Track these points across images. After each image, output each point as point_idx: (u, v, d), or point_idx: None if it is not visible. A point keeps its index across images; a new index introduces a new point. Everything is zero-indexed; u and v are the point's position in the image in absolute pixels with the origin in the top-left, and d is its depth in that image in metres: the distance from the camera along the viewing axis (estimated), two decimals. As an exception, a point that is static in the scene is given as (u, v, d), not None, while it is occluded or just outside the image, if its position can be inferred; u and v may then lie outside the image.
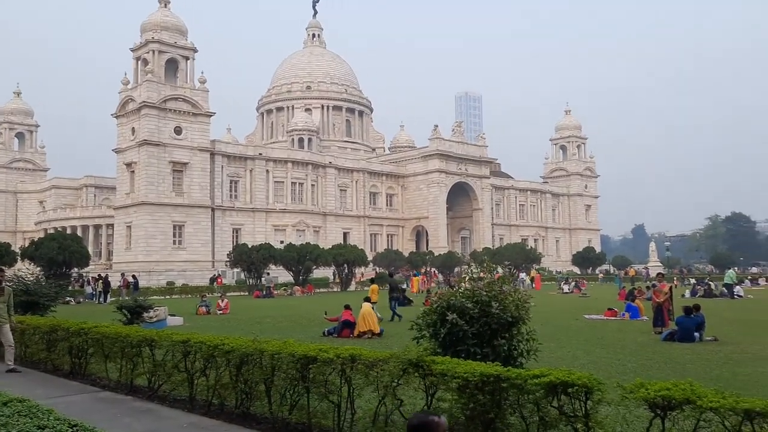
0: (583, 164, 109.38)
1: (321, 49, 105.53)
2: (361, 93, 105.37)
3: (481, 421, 5.43)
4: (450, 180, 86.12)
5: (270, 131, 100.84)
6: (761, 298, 35.62)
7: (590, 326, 20.10)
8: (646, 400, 4.38)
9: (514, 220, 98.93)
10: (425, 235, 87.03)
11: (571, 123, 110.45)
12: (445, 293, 8.01)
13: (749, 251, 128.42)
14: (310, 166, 77.11)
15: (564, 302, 33.12)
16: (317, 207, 77.25)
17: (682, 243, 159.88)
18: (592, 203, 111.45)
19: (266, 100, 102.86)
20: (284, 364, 7.14)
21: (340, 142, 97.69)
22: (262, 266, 48.04)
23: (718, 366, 11.77)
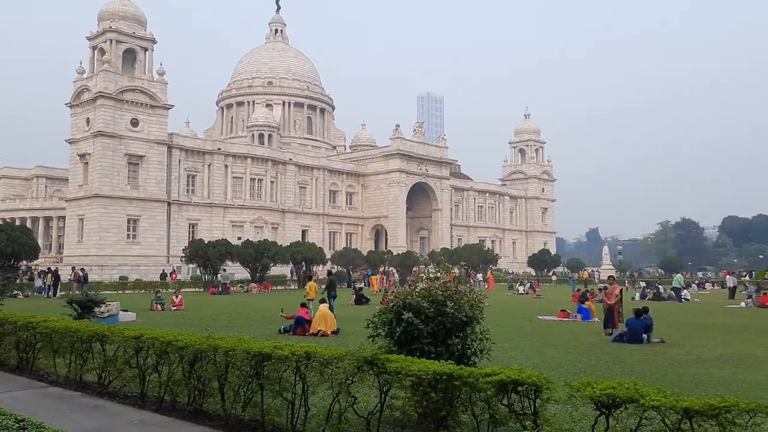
0: (541, 168, 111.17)
1: (283, 45, 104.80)
2: (323, 90, 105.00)
3: (434, 419, 5.50)
4: (410, 180, 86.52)
5: (230, 126, 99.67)
6: (707, 302, 36.80)
7: (543, 327, 20.47)
8: (592, 399, 4.51)
9: (472, 222, 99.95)
10: (384, 234, 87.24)
11: (530, 127, 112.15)
12: (401, 292, 8.07)
13: (697, 256, 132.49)
14: (270, 162, 76.49)
15: (519, 303, 33.64)
16: (276, 204, 76.68)
17: (634, 247, 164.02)
18: (549, 206, 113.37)
19: (226, 94, 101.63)
20: (238, 361, 7.11)
21: (301, 139, 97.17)
22: (219, 262, 47.46)
23: (664, 367, 12.14)
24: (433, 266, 9.05)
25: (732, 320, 23.74)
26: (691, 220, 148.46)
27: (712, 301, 37.27)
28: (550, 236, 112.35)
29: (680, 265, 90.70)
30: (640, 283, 51.59)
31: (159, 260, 62.01)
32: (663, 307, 30.79)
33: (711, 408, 4.03)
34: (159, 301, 26.61)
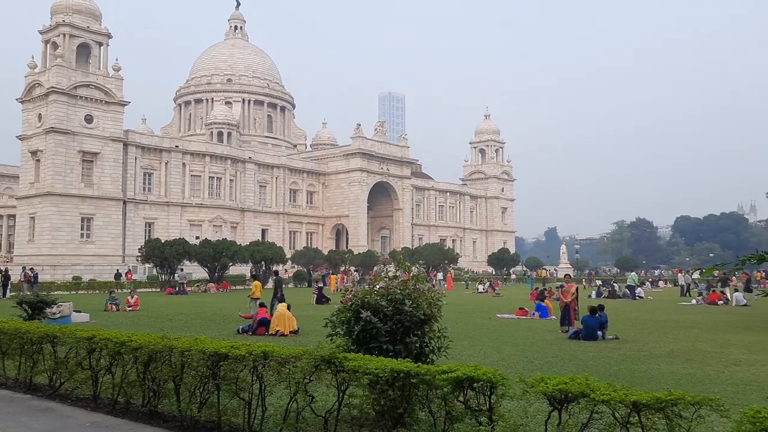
0: (501, 168, 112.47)
1: (243, 42, 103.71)
2: (283, 88, 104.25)
3: (391, 417, 5.52)
4: (371, 179, 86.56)
5: (188, 123, 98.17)
6: (660, 299, 37.76)
7: (502, 325, 20.70)
8: (545, 394, 4.59)
9: (433, 221, 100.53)
10: (345, 233, 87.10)
11: (490, 127, 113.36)
12: (360, 291, 8.07)
13: (651, 255, 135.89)
14: (229, 160, 75.60)
15: (478, 302, 33.97)
16: (235, 203, 75.84)
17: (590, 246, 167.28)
18: (509, 206, 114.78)
19: (185, 91, 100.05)
20: (194, 361, 7.01)
21: (261, 137, 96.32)
22: (176, 262, 46.68)
23: (618, 363, 12.41)
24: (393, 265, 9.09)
25: (683, 317, 24.40)
26: (645, 219, 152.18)
27: (665, 299, 38.26)
28: (509, 235, 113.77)
29: (635, 263, 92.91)
30: (596, 282, 52.64)
31: (114, 260, 60.70)
32: (618, 304, 31.47)
33: (658, 401, 4.14)
34: (114, 301, 26.05)
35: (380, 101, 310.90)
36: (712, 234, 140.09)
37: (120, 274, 50.82)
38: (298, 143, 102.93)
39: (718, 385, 9.95)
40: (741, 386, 9.90)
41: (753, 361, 12.73)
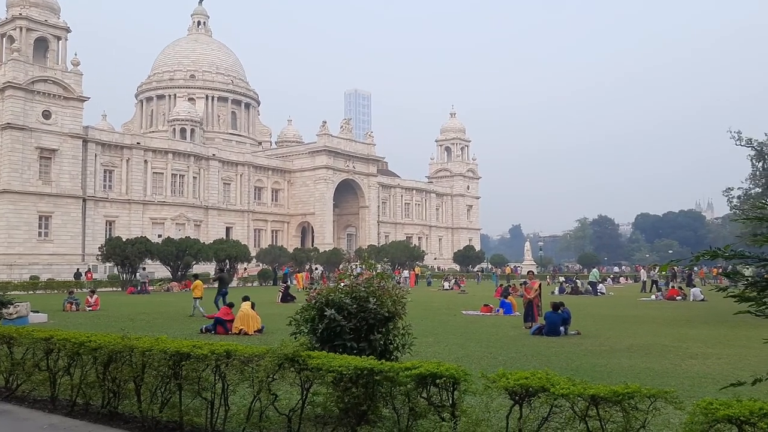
0: (466, 166, 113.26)
1: (207, 38, 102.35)
2: (248, 85, 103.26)
3: (355, 414, 5.53)
4: (337, 177, 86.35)
5: (150, 120, 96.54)
6: (621, 295, 38.55)
7: (467, 322, 20.86)
8: (507, 389, 4.65)
9: (399, 219, 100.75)
10: (311, 231, 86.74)
11: (456, 125, 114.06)
12: (324, 289, 8.06)
13: (612, 252, 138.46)
14: (193, 157, 74.60)
15: (444, 299, 34.19)
16: (199, 200, 74.90)
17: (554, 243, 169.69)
18: (474, 203, 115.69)
19: (146, 87, 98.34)
20: (156, 361, 6.91)
21: (225, 134, 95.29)
22: (138, 261, 45.90)
23: (579, 357, 12.63)
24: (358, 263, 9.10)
25: (643, 312, 24.95)
26: (607, 217, 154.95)
27: (626, 294, 39.05)
28: (475, 233, 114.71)
29: (597, 260, 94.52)
30: (559, 278, 53.44)
31: (73, 259, 59.39)
32: (580, 300, 32.01)
33: (616, 395, 4.23)
34: (73, 301, 25.49)
35: (346, 99, 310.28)
36: (671, 231, 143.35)
37: (80, 274, 49.76)
38: (263, 140, 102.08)
39: (674, 378, 10.20)
40: (696, 379, 10.18)
41: (708, 355, 13.08)
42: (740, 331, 16.91)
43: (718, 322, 20.10)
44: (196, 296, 22.70)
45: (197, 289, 22.96)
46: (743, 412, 3.68)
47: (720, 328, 18.37)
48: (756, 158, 54.14)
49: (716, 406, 3.77)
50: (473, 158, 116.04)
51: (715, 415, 3.73)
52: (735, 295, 4.93)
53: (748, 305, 4.65)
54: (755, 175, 55.19)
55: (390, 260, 65.98)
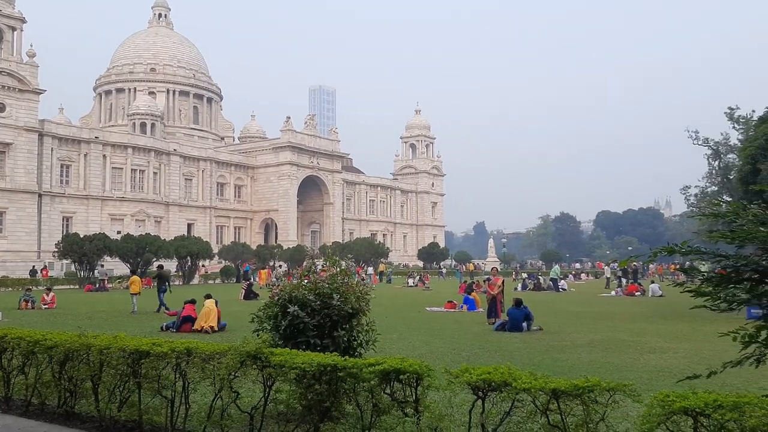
0: (431, 163, 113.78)
1: (168, 31, 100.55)
2: (210, 79, 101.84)
3: (318, 411, 5.49)
4: (301, 173, 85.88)
5: (109, 114, 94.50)
6: (582, 291, 39.22)
7: (431, 318, 20.96)
8: (469, 384, 4.67)
9: (364, 215, 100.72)
10: (275, 228, 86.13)
11: (421, 122, 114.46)
12: (287, 286, 7.99)
13: (574, 248, 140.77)
14: (153, 152, 73.33)
15: (408, 295, 34.32)
16: (159, 196, 73.68)
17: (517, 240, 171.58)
18: (439, 200, 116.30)
19: (105, 80, 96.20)
20: (114, 359, 6.76)
21: (187, 129, 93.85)
22: (96, 258, 44.93)
23: (541, 353, 12.80)
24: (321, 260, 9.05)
25: (604, 308, 25.41)
26: (569, 214, 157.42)
27: (588, 291, 39.74)
28: (439, 230, 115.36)
29: (559, 256, 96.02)
30: (522, 275, 54.09)
31: (29, 255, 57.88)
32: (543, 296, 32.47)
33: (576, 388, 4.29)
34: (28, 298, 24.84)
35: (311, 95, 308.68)
36: (630, 228, 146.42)
37: (36, 271, 48.49)
38: (225, 136, 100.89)
39: (633, 372, 10.41)
40: (654, 372, 10.41)
41: (666, 349, 13.39)
42: (697, 326, 17.33)
43: (675, 317, 20.59)
44: (134, 292, 22.87)
45: (134, 285, 23.17)
46: (698, 404, 3.77)
47: (677, 323, 18.81)
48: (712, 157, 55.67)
49: (672, 399, 3.85)
50: (438, 155, 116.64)
51: (672, 407, 3.80)
52: (691, 290, 5.03)
53: (703, 300, 4.74)
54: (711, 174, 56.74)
55: (354, 257, 65.87)
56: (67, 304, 26.46)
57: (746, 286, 4.66)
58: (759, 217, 4.67)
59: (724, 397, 3.81)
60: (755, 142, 26.38)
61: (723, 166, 53.64)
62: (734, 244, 4.80)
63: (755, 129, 30.15)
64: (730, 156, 52.80)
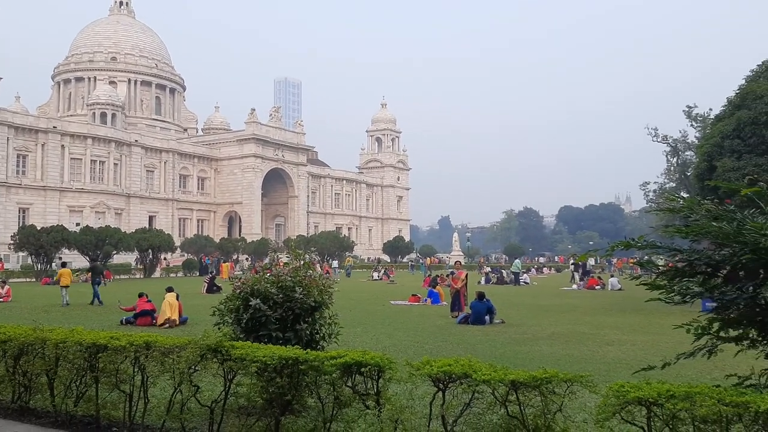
0: (397, 157, 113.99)
1: (129, 19, 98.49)
2: (173, 69, 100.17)
3: (279, 404, 5.46)
4: (266, 166, 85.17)
5: (68, 103, 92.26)
6: (545, 285, 39.80)
7: (395, 311, 21.02)
8: (430, 376, 4.70)
9: (329, 209, 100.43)
10: (238, 221, 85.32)
11: (387, 116, 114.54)
12: (249, 279, 7.92)
13: (537, 243, 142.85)
14: (114, 143, 71.87)
15: (373, 289, 34.36)
16: (120, 188, 72.31)
17: (481, 234, 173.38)
18: (404, 194, 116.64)
19: (64, 68, 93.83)
20: (70, 353, 6.61)
21: (149, 119, 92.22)
22: (54, 250, 43.88)
23: (503, 345, 12.96)
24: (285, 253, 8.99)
25: (564, 302, 25.83)
26: (532, 209, 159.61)
27: (550, 284, 40.33)
28: (404, 224, 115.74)
29: (522, 251, 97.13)
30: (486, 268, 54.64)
31: (-17, 248, 56.30)
32: (505, 290, 32.84)
33: (534, 380, 4.35)
34: (-18, 292, 24.16)
35: (276, 87, 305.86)
36: (592, 223, 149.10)
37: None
38: (188, 127, 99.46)
39: (591, 363, 10.62)
40: (612, 364, 10.63)
41: (624, 341, 13.69)
42: (653, 319, 17.74)
43: (633, 311, 21.04)
44: (64, 285, 22.57)
45: (64, 277, 22.87)
46: (652, 394, 3.86)
47: (635, 316, 19.22)
48: (671, 154, 57.03)
49: (627, 389, 3.94)
50: (404, 149, 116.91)
51: (626, 398, 3.89)
52: (647, 284, 5.15)
53: (658, 293, 4.86)
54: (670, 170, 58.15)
55: (319, 251, 65.67)
56: (22, 297, 25.81)
57: (699, 280, 4.79)
58: (712, 213, 4.80)
59: (677, 388, 3.91)
60: (711, 140, 27.06)
61: (681, 163, 55.02)
62: (689, 238, 4.93)
63: (712, 127, 30.95)
64: (688, 153, 54.18)
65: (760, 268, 4.45)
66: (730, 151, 25.35)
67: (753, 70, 29.03)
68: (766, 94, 25.01)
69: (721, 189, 5.76)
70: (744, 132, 25.17)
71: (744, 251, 4.33)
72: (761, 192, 4.91)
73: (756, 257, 4.33)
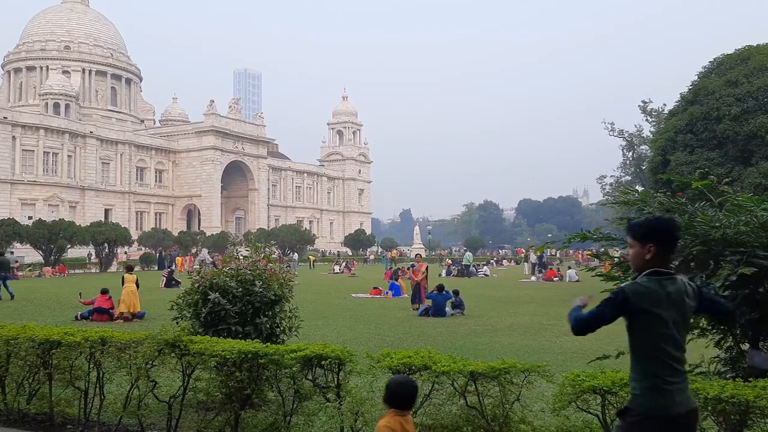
0: (358, 150, 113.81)
1: (83, 7, 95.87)
2: (129, 59, 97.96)
3: (239, 399, 5.42)
4: (225, 158, 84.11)
5: (18, 93, 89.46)
6: (503, 277, 40.31)
7: (357, 304, 21.05)
8: (391, 368, 4.73)
9: (290, 202, 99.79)
10: (197, 214, 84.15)
11: (348, 109, 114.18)
12: (208, 273, 7.82)
13: (497, 235, 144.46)
14: (68, 134, 70.02)
15: (334, 282, 34.30)
16: (74, 180, 70.52)
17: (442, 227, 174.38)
18: (365, 188, 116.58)
19: (15, 56, 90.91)
20: (22, 350, 6.44)
21: (104, 110, 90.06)
22: (5, 244, 42.55)
23: (463, 337, 13.10)
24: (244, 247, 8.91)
25: (523, 293, 26.22)
26: (492, 202, 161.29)
27: (509, 276, 40.87)
28: (366, 216, 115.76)
29: (482, 243, 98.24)
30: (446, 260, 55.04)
31: (-70, 243, 54.21)
32: (465, 282, 33.13)
33: (493, 370, 4.42)
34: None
35: (235, 78, 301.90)
36: (550, 215, 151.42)
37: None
38: (145, 119, 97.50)
39: (549, 354, 10.81)
40: (569, 354, 10.84)
41: (580, 331, 13.95)
42: (608, 309, 18.17)
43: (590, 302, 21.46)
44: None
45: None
46: (606, 382, 3.96)
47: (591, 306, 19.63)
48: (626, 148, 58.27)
49: (582, 378, 4.03)
50: (365, 142, 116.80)
51: (582, 386, 3.98)
52: (602, 275, 5.27)
53: (613, 284, 4.97)
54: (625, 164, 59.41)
55: (280, 244, 65.22)
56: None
57: (652, 270, 4.91)
58: (665, 205, 4.93)
59: (630, 376, 4.01)
60: (665, 135, 27.74)
61: (636, 157, 56.26)
62: (642, 230, 5.04)
63: (666, 122, 31.72)
64: (643, 147, 55.42)
65: (710, 258, 4.59)
66: (683, 145, 26.03)
67: (705, 66, 29.82)
68: (717, 90, 25.71)
69: (674, 182, 5.92)
70: (696, 127, 25.86)
71: (695, 243, 4.46)
72: (711, 185, 5.06)
73: (706, 248, 4.47)
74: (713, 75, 28.04)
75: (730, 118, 24.55)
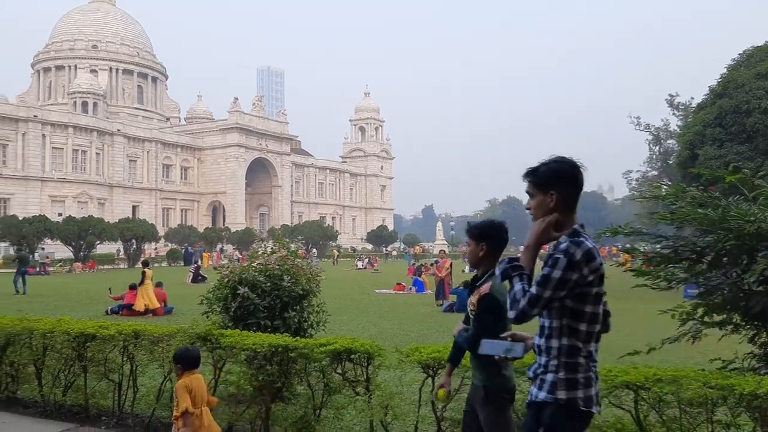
0: (380, 146, 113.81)
1: (110, 6, 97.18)
2: (155, 58, 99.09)
3: (269, 392, 5.49)
4: (249, 155, 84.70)
5: (48, 92, 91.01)
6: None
7: (380, 300, 21.11)
8: (420, 363, 4.75)
9: (313, 198, 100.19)
10: (222, 210, 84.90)
11: (370, 105, 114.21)
12: (237, 268, 7.91)
13: (520, 232, 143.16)
14: (96, 132, 71.05)
15: (357, 278, 34.41)
16: (103, 177, 71.59)
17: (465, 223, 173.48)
18: (387, 184, 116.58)
19: (44, 56, 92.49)
20: (58, 343, 6.59)
21: (131, 108, 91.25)
22: (36, 241, 43.44)
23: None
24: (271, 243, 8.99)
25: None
26: (516, 198, 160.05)
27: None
28: (388, 213, 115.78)
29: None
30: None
31: (-37, 239, 55.48)
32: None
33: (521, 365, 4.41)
34: (-37, 283, 23.88)
35: (258, 76, 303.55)
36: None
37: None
38: (171, 116, 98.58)
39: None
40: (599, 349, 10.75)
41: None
42: (638, 305, 17.92)
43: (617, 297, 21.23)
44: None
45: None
46: (639, 378, 3.94)
47: (621, 302, 19.29)
48: (653, 143, 57.49)
49: (615, 374, 4.01)
50: (387, 138, 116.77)
51: (614, 382, 3.96)
52: (633, 270, 5.23)
53: (644, 279, 4.93)
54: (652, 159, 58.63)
55: (304, 240, 65.57)
56: (5, 288, 25.51)
57: (684, 266, 4.87)
58: (697, 199, 4.87)
59: (663, 372, 3.99)
60: (693, 129, 27.33)
61: (663, 151, 55.49)
62: (674, 225, 5.00)
63: (693, 116, 31.24)
64: (670, 141, 54.64)
65: (743, 254, 4.53)
66: (712, 139, 25.63)
67: (734, 59, 29.31)
68: (747, 83, 25.26)
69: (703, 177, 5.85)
70: (725, 120, 25.45)
71: (728, 237, 4.40)
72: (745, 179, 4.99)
73: (740, 243, 4.41)
74: (743, 67, 27.55)
75: (760, 111, 24.11)
